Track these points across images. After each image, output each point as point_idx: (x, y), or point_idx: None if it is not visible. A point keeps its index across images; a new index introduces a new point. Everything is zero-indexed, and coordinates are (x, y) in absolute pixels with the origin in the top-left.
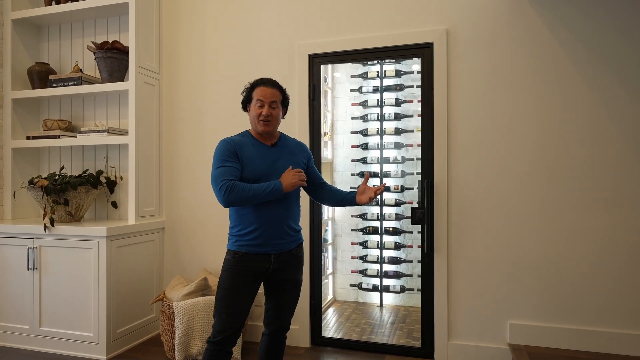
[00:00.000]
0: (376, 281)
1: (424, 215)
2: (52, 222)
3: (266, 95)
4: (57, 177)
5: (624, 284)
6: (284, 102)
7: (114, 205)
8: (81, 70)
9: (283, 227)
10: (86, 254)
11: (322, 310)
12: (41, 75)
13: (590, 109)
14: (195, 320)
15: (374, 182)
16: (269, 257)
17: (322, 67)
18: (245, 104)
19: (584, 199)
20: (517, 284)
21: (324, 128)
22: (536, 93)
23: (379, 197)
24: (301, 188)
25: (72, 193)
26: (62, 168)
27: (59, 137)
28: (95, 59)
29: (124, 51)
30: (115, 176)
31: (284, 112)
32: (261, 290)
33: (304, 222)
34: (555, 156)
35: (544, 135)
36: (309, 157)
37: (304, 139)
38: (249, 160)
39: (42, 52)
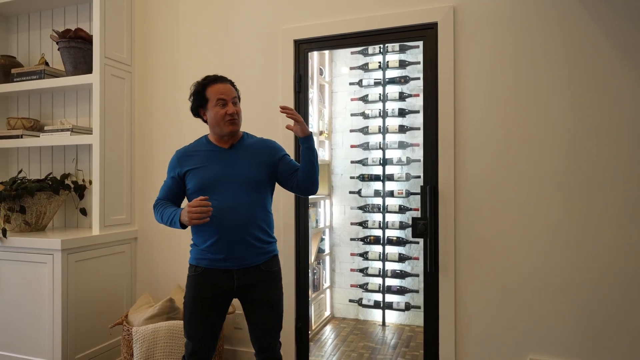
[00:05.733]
0: (378, 297)
1: (426, 227)
2: (4, 232)
3: (226, 92)
4: (16, 182)
5: None
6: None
7: (83, 212)
8: (47, 63)
9: (246, 237)
10: (40, 269)
11: (318, 328)
12: (5, 70)
13: (634, 99)
14: (157, 349)
15: (375, 186)
16: (231, 274)
17: (320, 58)
18: (198, 109)
19: (629, 206)
20: (540, 311)
21: (320, 126)
22: (564, 79)
23: (380, 203)
24: (280, 184)
25: (30, 200)
26: (20, 171)
27: (22, 137)
28: (58, 49)
29: (90, 40)
30: (84, 180)
31: None
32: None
33: (289, 232)
34: (591, 155)
35: (576, 130)
36: (279, 154)
37: (289, 137)
38: (194, 170)
39: (10, 45)
